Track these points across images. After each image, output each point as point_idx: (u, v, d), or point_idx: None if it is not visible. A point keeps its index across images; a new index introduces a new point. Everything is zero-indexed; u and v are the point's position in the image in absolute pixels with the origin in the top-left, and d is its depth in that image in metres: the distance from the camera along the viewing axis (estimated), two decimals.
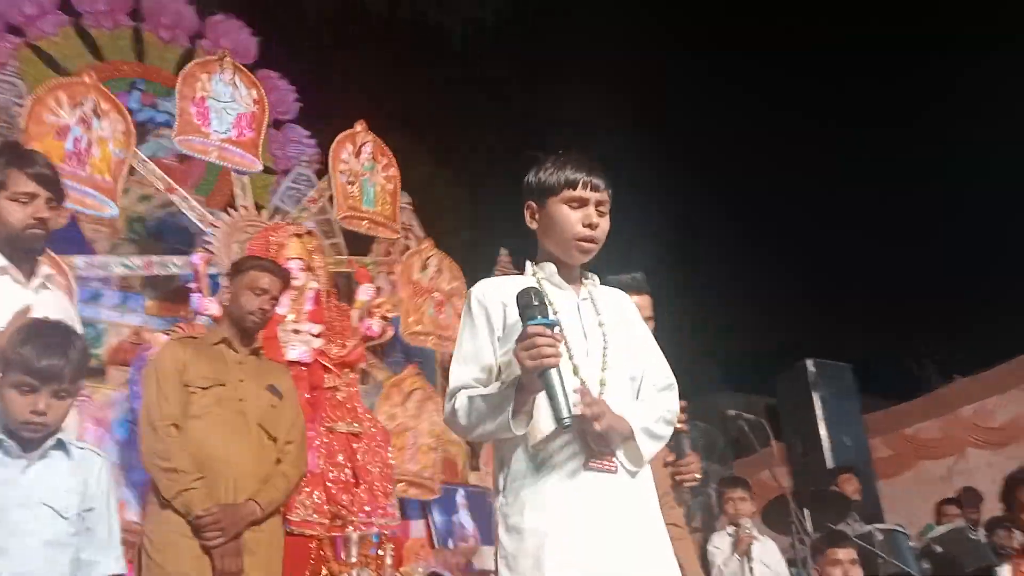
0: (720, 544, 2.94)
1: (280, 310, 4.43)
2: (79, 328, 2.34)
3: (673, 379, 1.93)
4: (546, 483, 1.70)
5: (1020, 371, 9.23)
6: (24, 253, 2.36)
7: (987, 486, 9.10)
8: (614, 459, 1.72)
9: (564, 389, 1.61)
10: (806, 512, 4.27)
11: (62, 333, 2.00)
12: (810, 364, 6.27)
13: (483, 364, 1.80)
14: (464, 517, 5.54)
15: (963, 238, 13.02)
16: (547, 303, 1.72)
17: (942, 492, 9.22)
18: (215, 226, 4.93)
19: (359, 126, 5.32)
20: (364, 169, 5.29)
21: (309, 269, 4.74)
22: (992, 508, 7.51)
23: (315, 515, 4.04)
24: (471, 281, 6.05)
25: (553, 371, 1.61)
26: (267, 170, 6.37)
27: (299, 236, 4.81)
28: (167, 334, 4.45)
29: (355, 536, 3.64)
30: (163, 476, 2.50)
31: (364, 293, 4.99)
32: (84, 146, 4.13)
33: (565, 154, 1.90)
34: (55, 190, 2.39)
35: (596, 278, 1.95)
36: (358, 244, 5.99)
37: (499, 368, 1.81)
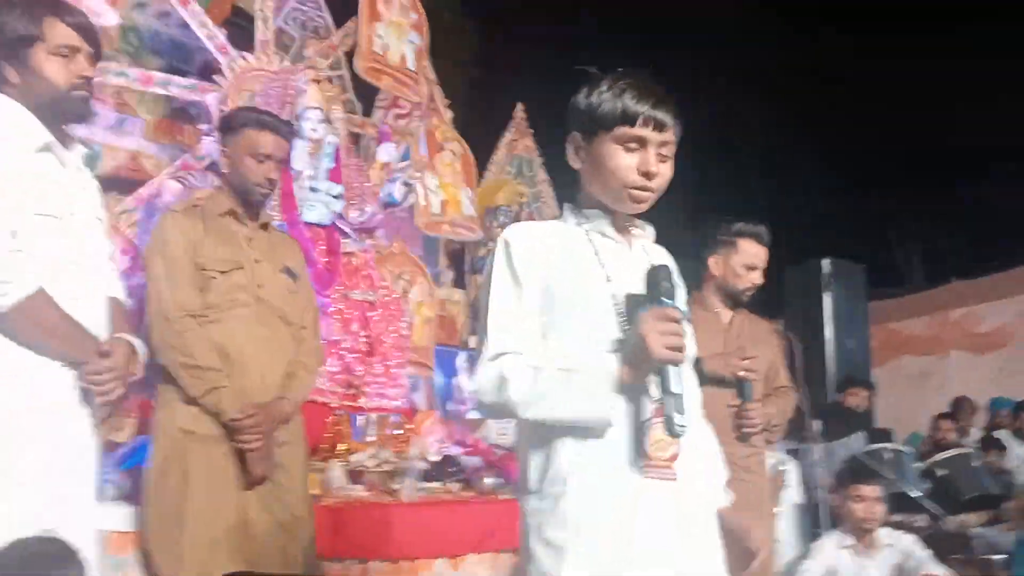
0: None
1: (297, 165, 4.16)
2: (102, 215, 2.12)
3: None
4: (595, 494, 1.45)
5: (1015, 282, 9.25)
6: (66, 122, 2.04)
7: (960, 388, 9.37)
8: (674, 466, 1.48)
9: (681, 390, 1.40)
10: (815, 423, 4.31)
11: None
12: (826, 263, 6.15)
13: (530, 333, 1.51)
14: (464, 380, 5.54)
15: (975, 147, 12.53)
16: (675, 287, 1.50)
17: (919, 388, 9.51)
18: (223, 52, 4.53)
19: None
20: (395, 19, 4.87)
21: (328, 121, 4.43)
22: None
23: (329, 383, 3.97)
24: (477, 137, 5.79)
25: (673, 369, 1.40)
26: None
27: (318, 82, 4.46)
28: (178, 181, 4.19)
29: (374, 416, 3.58)
30: (186, 374, 2.27)
31: (386, 153, 4.70)
32: None
33: (625, 76, 1.52)
34: (96, 45, 2.06)
35: (650, 229, 1.65)
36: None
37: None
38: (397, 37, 4.97)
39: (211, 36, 4.54)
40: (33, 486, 1.80)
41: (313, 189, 4.27)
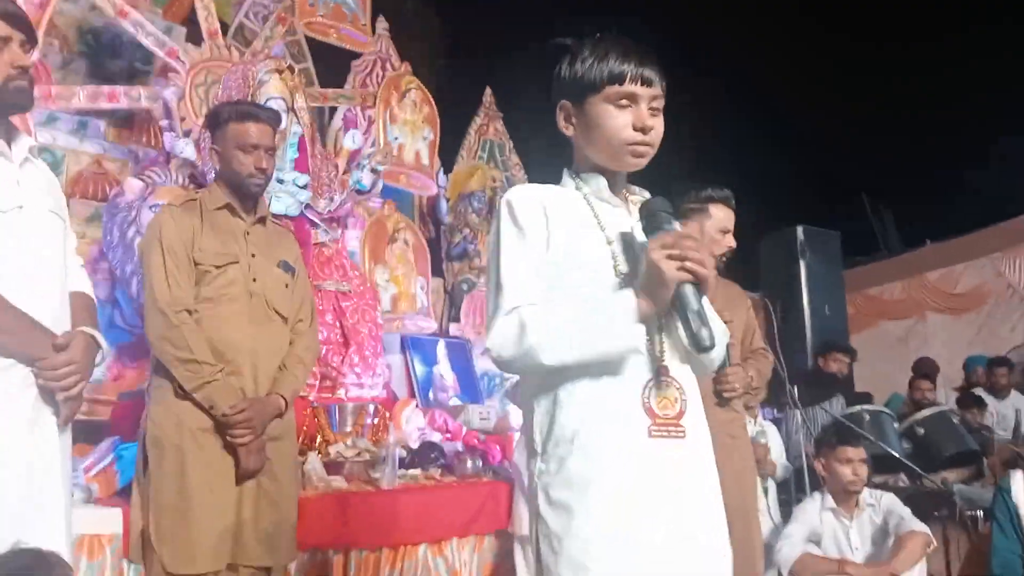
0: None
1: None
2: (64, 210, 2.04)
3: None
4: (600, 453, 1.43)
5: (990, 240, 9.29)
6: (5, 114, 1.93)
7: (940, 349, 9.46)
8: (682, 423, 1.46)
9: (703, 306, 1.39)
10: (795, 388, 4.33)
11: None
12: (800, 231, 6.16)
13: (543, 284, 1.50)
14: (444, 368, 5.51)
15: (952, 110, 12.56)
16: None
17: (899, 352, 9.56)
18: (174, 57, 4.45)
19: None
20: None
21: (291, 110, 4.36)
22: (949, 373, 7.84)
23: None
24: (446, 118, 5.76)
25: (690, 287, 1.39)
26: None
27: (279, 72, 4.37)
28: (140, 179, 4.12)
29: (350, 406, 3.54)
30: (181, 367, 2.27)
31: (351, 141, 4.64)
32: None
33: (605, 40, 1.55)
34: (28, 31, 1.91)
35: (646, 194, 1.63)
36: (331, 77, 5.54)
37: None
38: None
39: (159, 43, 4.46)
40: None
41: (279, 180, 4.20)
